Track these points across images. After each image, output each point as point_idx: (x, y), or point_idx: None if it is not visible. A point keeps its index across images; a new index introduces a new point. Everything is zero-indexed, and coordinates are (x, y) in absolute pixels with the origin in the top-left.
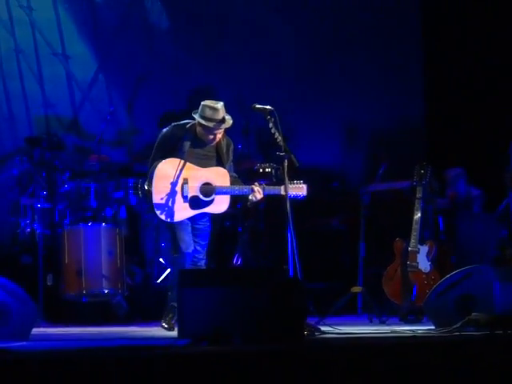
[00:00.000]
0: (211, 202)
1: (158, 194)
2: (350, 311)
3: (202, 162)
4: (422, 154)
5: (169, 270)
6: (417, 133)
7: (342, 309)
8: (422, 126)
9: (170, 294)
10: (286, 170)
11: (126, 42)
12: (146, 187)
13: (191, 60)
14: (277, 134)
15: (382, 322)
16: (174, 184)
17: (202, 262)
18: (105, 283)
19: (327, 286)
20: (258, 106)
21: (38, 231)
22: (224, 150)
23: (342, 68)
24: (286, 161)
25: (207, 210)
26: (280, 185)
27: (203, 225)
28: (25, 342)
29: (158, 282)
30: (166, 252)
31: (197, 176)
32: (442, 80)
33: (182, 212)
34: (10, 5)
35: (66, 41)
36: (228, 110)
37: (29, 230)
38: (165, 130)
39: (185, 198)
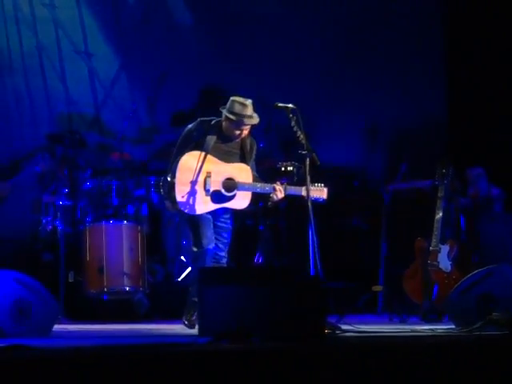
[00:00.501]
0: (233, 197)
1: (181, 186)
2: (371, 310)
3: (226, 158)
4: (443, 153)
5: (190, 268)
6: (438, 132)
7: (362, 308)
8: (444, 125)
9: (190, 289)
10: (307, 168)
11: (149, 39)
12: (169, 179)
13: (213, 58)
14: (299, 132)
15: (403, 321)
16: (196, 177)
17: (224, 261)
18: (126, 281)
19: (348, 285)
20: (279, 104)
21: (59, 228)
22: (248, 148)
23: (363, 67)
24: (308, 159)
25: (228, 204)
26: (302, 184)
27: (225, 222)
28: (46, 339)
29: (179, 280)
30: (188, 250)
31: (220, 170)
32: (463, 79)
33: (204, 205)
34: (32, 3)
35: (88, 38)
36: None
37: (50, 227)
38: (191, 125)
39: (207, 191)
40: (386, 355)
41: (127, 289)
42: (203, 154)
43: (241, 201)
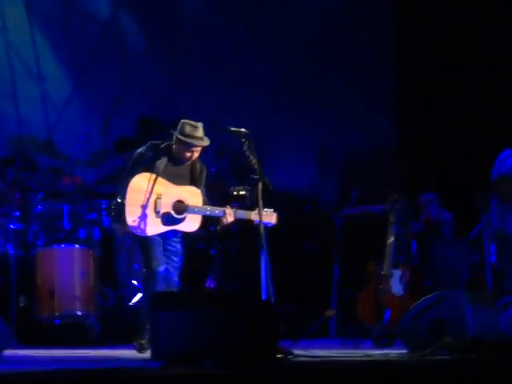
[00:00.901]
0: (183, 219)
1: (131, 207)
2: (324, 334)
3: (176, 181)
4: (395, 178)
5: (141, 293)
6: (390, 157)
7: (315, 332)
8: (396, 151)
9: (141, 312)
10: (260, 193)
11: (102, 62)
12: (119, 200)
13: (166, 83)
14: (251, 156)
15: (356, 346)
16: (147, 198)
17: (175, 285)
18: (78, 305)
19: (300, 309)
20: (232, 128)
21: (10, 252)
22: (198, 172)
23: (315, 93)
24: (261, 184)
25: (178, 227)
26: (253, 209)
27: (175, 246)
28: None
29: (131, 304)
30: (139, 274)
31: (170, 193)
32: (415, 105)
33: (155, 227)
34: None
35: (40, 61)
36: (203, 131)
37: (1, 250)
38: (141, 148)
39: (157, 213)
40: (339, 380)
41: (79, 313)
42: (154, 175)
43: (191, 223)
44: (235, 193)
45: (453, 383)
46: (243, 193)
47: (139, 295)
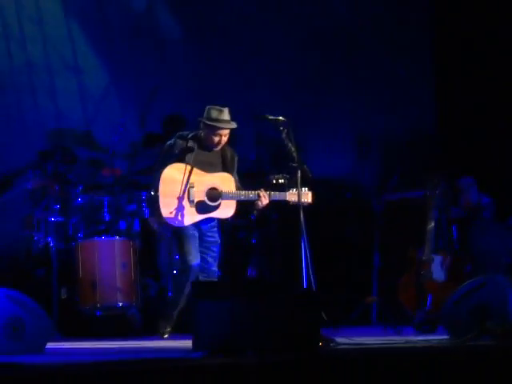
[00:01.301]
0: (218, 206)
1: (165, 199)
2: (365, 322)
3: (208, 168)
4: (435, 163)
5: None
6: (429, 142)
7: (356, 319)
8: (435, 136)
9: (171, 301)
10: (299, 180)
11: (138, 53)
12: (153, 193)
13: (203, 71)
14: (290, 144)
15: (397, 332)
16: (180, 188)
17: (215, 275)
18: (119, 296)
19: (341, 296)
20: (270, 116)
21: (51, 245)
22: (229, 159)
23: (353, 78)
24: (300, 172)
25: (214, 214)
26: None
27: (212, 236)
28: (39, 356)
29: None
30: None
31: (203, 181)
32: (453, 88)
33: (190, 216)
34: (21, 19)
35: (77, 54)
36: (241, 121)
37: (42, 243)
38: (170, 140)
39: (191, 202)
40: (381, 366)
41: (120, 304)
42: (185, 165)
43: (226, 209)
44: (274, 181)
45: (495, 369)
46: (282, 181)
47: None
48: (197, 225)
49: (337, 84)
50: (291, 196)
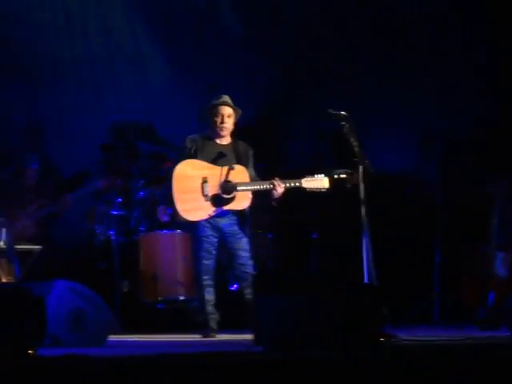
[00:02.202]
0: (233, 199)
1: (179, 194)
2: (427, 318)
3: (220, 162)
4: (498, 158)
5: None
6: (492, 137)
7: (417, 315)
8: (498, 131)
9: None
10: (360, 176)
11: (199, 48)
12: (167, 191)
13: (264, 66)
14: (352, 139)
15: (459, 329)
16: (194, 183)
17: (250, 269)
18: (180, 289)
19: (403, 292)
20: (332, 111)
21: (113, 238)
22: (242, 153)
23: (415, 74)
24: (361, 167)
25: (229, 207)
26: (352, 191)
27: (234, 233)
28: (101, 348)
29: (233, 288)
30: None
31: (216, 174)
32: None
33: (205, 211)
34: (84, 13)
35: (139, 48)
36: (302, 116)
37: (104, 236)
38: (180, 145)
39: (206, 196)
40: (443, 363)
41: (181, 298)
42: (197, 160)
43: (241, 201)
44: (336, 176)
45: None
46: (344, 176)
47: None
48: (216, 227)
49: (400, 78)
50: (306, 183)
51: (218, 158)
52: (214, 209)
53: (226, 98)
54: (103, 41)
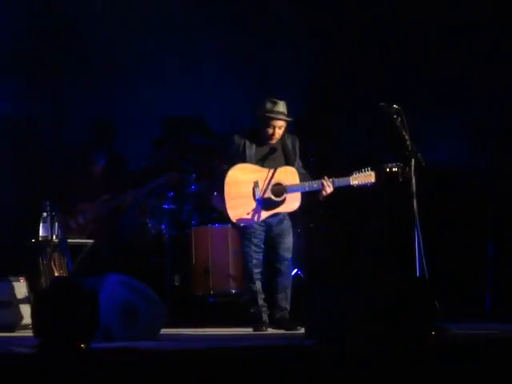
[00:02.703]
0: (283, 201)
1: (231, 200)
2: (478, 312)
3: (269, 164)
4: None
5: (295, 269)
6: None
7: (469, 309)
8: None
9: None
10: (412, 169)
11: (249, 42)
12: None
13: (313, 62)
14: (404, 132)
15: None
16: (245, 188)
17: (287, 264)
18: (232, 283)
19: (455, 286)
20: (383, 104)
21: (165, 232)
22: (290, 148)
23: (466, 65)
24: (413, 160)
25: (280, 209)
26: (406, 185)
27: (281, 228)
28: (154, 342)
29: None
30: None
31: (266, 177)
32: None
33: (257, 215)
34: (137, 8)
35: (191, 42)
36: (355, 108)
37: (156, 230)
38: (229, 141)
39: (258, 201)
40: (494, 356)
41: (233, 291)
42: (247, 164)
43: (291, 203)
44: (388, 170)
45: None
46: (395, 169)
47: (294, 272)
48: (265, 222)
49: (451, 70)
50: (354, 179)
51: (265, 158)
52: (265, 212)
53: (281, 107)
54: (158, 36)
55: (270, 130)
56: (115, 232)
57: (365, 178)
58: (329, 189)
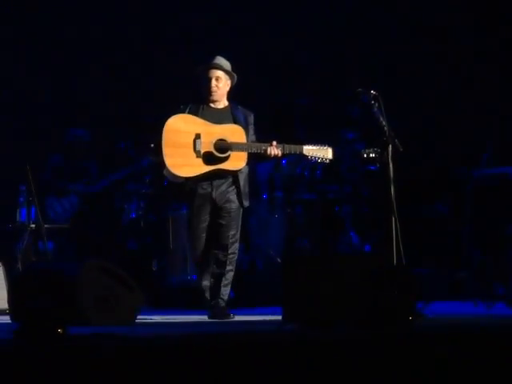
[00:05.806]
0: (226, 158)
1: (168, 148)
2: (456, 296)
3: (217, 121)
4: None
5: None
6: None
7: (447, 294)
8: None
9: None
10: (390, 155)
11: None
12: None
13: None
14: (381, 118)
15: (488, 308)
16: (185, 138)
17: (229, 240)
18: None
19: (432, 271)
20: (361, 90)
21: (142, 216)
22: (241, 119)
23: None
24: (390, 146)
25: (222, 166)
26: (384, 169)
27: (226, 200)
28: (130, 328)
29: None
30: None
31: (210, 131)
32: None
33: (195, 167)
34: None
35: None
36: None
37: (134, 215)
38: None
39: (197, 152)
40: (472, 342)
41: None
42: (190, 116)
43: (236, 162)
44: (365, 155)
45: None
46: (373, 155)
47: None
48: (211, 194)
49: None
50: (309, 151)
51: (214, 118)
52: (206, 166)
53: (217, 59)
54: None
55: (208, 84)
56: (92, 217)
57: (319, 151)
58: (274, 150)
